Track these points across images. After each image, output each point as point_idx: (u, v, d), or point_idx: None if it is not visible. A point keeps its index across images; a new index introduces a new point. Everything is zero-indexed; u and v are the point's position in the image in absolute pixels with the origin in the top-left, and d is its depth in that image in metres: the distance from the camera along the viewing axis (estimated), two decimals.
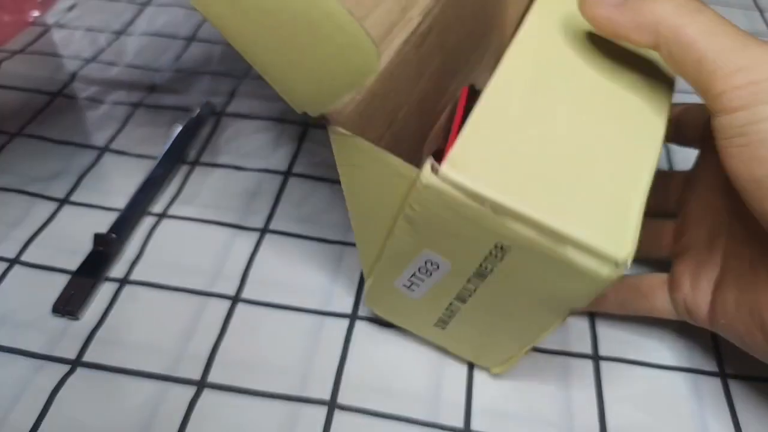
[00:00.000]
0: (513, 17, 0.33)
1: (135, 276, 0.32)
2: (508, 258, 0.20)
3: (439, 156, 0.23)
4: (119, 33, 0.48)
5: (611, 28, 0.21)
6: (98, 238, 0.33)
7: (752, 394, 0.28)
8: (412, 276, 0.24)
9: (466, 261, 0.21)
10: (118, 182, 0.37)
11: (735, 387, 0.28)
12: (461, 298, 0.24)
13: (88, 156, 0.38)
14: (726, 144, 0.19)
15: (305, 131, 0.41)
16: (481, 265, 0.21)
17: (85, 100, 0.43)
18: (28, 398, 0.27)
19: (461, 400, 0.28)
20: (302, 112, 0.20)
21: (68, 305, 0.30)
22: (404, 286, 0.25)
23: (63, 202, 0.36)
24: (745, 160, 0.19)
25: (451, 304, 0.24)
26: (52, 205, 0.35)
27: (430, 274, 0.23)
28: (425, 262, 0.22)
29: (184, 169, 0.38)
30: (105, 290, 0.31)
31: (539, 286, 0.21)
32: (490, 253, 0.20)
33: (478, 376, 0.28)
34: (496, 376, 0.28)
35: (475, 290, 0.23)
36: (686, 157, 0.38)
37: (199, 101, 0.42)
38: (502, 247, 0.20)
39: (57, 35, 0.48)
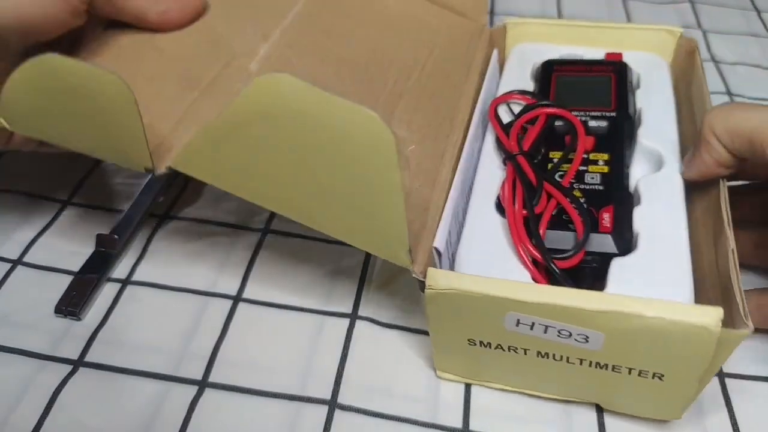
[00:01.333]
0: None
1: (137, 276, 0.32)
2: (655, 379, 0.23)
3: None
4: None
5: (709, 173, 0.26)
6: (100, 239, 0.33)
7: (750, 393, 0.28)
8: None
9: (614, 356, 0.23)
10: (120, 184, 0.37)
11: (732, 386, 0.28)
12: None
13: (91, 158, 0.39)
14: None
15: None
16: (620, 367, 0.23)
17: None
18: (30, 398, 0.27)
19: (460, 400, 0.28)
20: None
21: (70, 306, 0.30)
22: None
23: (65, 203, 0.36)
24: None
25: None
26: (54, 207, 0.36)
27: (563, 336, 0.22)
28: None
29: None
30: (107, 291, 0.32)
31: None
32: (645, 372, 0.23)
33: None
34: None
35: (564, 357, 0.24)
36: None
37: None
38: (660, 377, 0.22)
39: None
